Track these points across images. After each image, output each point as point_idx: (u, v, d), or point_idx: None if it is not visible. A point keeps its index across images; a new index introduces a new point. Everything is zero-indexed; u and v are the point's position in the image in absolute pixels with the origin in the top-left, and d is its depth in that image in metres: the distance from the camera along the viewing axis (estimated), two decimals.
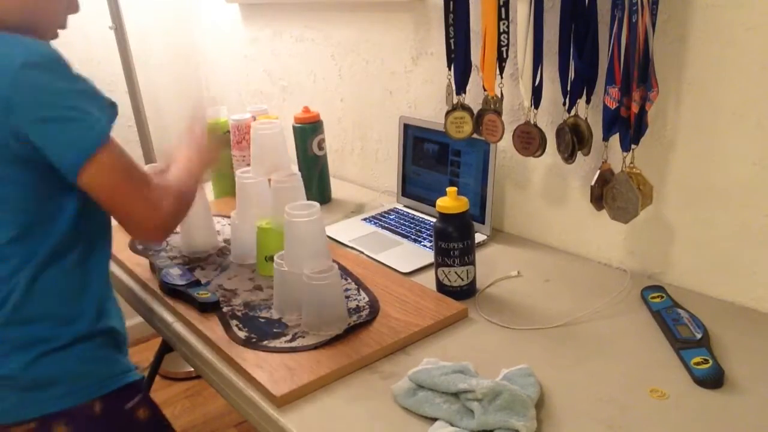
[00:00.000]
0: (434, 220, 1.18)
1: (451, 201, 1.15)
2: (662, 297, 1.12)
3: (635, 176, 1.11)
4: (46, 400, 1.01)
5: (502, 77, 1.27)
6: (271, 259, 1.24)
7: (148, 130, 2.35)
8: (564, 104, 1.19)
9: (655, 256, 1.22)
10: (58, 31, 1.07)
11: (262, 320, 1.15)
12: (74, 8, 1.08)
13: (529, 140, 1.25)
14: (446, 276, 1.18)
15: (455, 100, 1.34)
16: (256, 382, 0.99)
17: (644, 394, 0.91)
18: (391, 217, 1.59)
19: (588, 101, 1.17)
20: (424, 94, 1.62)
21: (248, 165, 1.75)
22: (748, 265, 1.09)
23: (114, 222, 1.05)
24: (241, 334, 1.11)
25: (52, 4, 1.03)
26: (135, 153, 2.38)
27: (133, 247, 1.49)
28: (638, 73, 1.03)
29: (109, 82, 2.43)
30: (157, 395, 2.33)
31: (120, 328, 1.13)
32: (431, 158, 1.55)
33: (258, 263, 1.33)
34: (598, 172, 1.17)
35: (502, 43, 1.23)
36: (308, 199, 1.73)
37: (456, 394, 0.89)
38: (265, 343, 1.08)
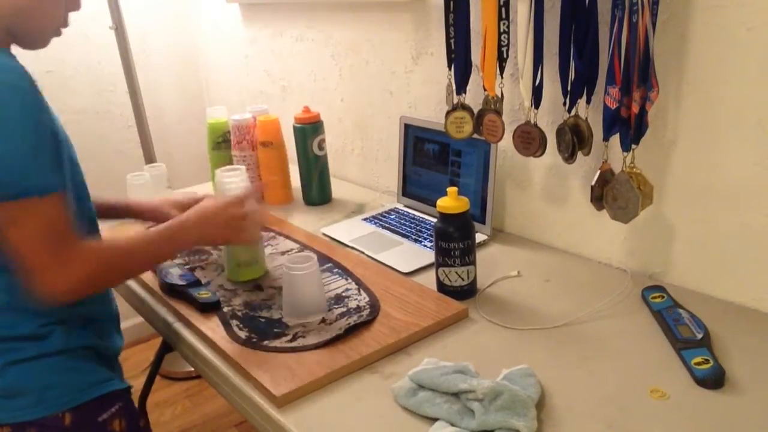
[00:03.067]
0: (435, 220, 1.18)
1: (451, 201, 1.15)
2: (663, 297, 1.12)
3: (635, 176, 1.11)
4: (17, 409, 0.99)
5: (502, 77, 1.27)
6: (243, 264, 1.29)
7: (148, 130, 2.35)
8: (564, 104, 1.19)
9: (656, 256, 1.22)
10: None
11: (263, 320, 1.15)
12: (75, 5, 1.05)
13: (530, 140, 1.25)
14: (447, 276, 1.18)
15: (455, 100, 1.34)
16: (256, 382, 0.99)
17: (645, 394, 0.91)
18: (392, 217, 1.59)
19: (588, 101, 1.17)
20: (425, 94, 1.62)
21: (247, 165, 1.76)
22: (749, 265, 1.09)
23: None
24: (242, 334, 1.11)
25: (49, 5, 1.00)
26: (135, 153, 2.40)
27: None
28: (638, 73, 1.03)
29: (109, 82, 2.43)
30: (157, 395, 2.33)
31: (102, 343, 1.10)
32: (432, 158, 1.55)
33: (229, 270, 1.31)
34: (598, 172, 1.17)
35: (502, 43, 1.23)
36: (308, 199, 1.74)
37: (456, 394, 0.89)
38: (265, 343, 1.07)
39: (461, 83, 1.32)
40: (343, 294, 1.21)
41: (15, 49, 1.00)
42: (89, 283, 0.96)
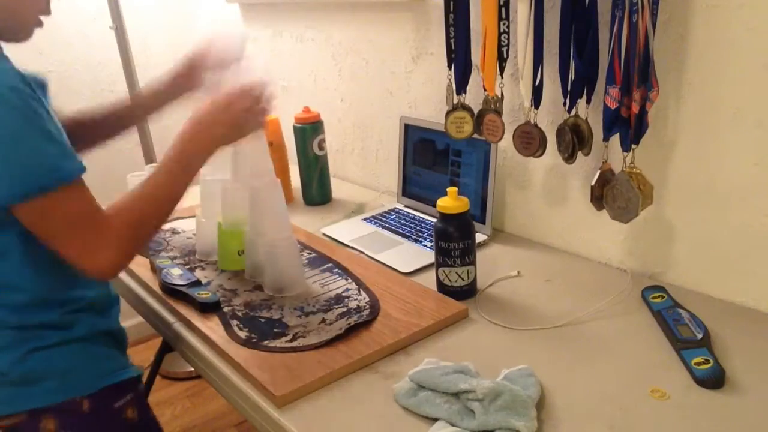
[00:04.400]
0: (435, 220, 1.18)
1: (451, 201, 1.15)
2: (663, 297, 1.12)
3: (635, 176, 1.11)
4: (36, 395, 1.01)
5: (502, 77, 1.27)
6: (236, 254, 1.33)
7: (148, 130, 2.35)
8: (564, 104, 1.19)
9: (656, 256, 1.22)
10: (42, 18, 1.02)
11: (263, 320, 1.15)
12: None
13: (530, 140, 1.25)
14: (447, 276, 1.18)
15: (455, 100, 1.34)
16: (256, 382, 0.99)
17: (645, 394, 0.91)
18: (392, 217, 1.59)
19: (588, 101, 1.17)
20: (425, 94, 1.62)
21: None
22: (749, 265, 1.09)
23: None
24: (242, 334, 1.11)
25: (18, 5, 0.98)
26: (135, 153, 2.40)
27: None
28: (638, 73, 1.03)
29: (109, 82, 2.43)
30: (157, 395, 2.33)
31: (119, 328, 1.13)
32: (432, 158, 1.55)
33: (222, 260, 1.36)
34: (598, 172, 1.17)
35: (502, 43, 1.23)
36: (308, 199, 1.75)
37: (457, 395, 0.89)
38: (265, 343, 1.07)
39: (461, 83, 1.32)
40: (343, 294, 1.21)
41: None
42: (130, 247, 0.96)
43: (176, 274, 1.29)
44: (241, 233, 1.31)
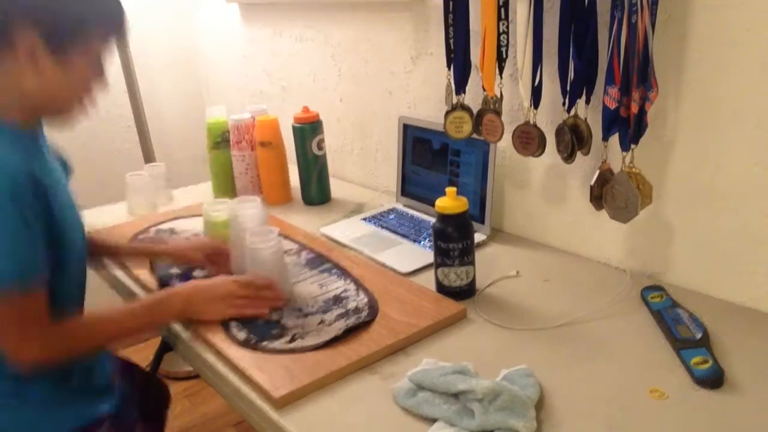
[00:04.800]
0: (434, 220, 1.18)
1: (450, 201, 1.15)
2: (662, 297, 1.12)
3: (635, 176, 1.11)
4: None
5: (501, 77, 1.27)
6: None
7: (147, 131, 2.35)
8: (563, 104, 1.19)
9: (655, 255, 1.22)
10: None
11: (262, 321, 1.15)
12: (102, 83, 1.09)
13: (529, 140, 1.25)
14: (446, 276, 1.18)
15: (455, 100, 1.34)
16: (255, 384, 0.99)
17: (644, 394, 0.91)
18: (391, 217, 1.59)
19: (588, 101, 1.17)
20: (424, 94, 1.62)
21: (246, 164, 1.76)
22: (748, 265, 1.09)
23: None
24: (241, 335, 1.10)
25: (63, 93, 1.03)
26: (135, 153, 2.40)
27: None
28: (638, 73, 1.03)
29: (108, 82, 2.43)
30: None
31: (88, 381, 1.13)
32: (431, 158, 1.55)
33: None
34: (597, 171, 1.17)
35: (501, 43, 1.23)
36: (307, 199, 1.74)
37: (456, 395, 0.89)
38: (264, 344, 1.07)
39: (460, 83, 1.32)
40: (342, 295, 1.21)
41: None
42: (54, 358, 1.01)
43: (175, 275, 1.29)
44: (225, 226, 1.32)
